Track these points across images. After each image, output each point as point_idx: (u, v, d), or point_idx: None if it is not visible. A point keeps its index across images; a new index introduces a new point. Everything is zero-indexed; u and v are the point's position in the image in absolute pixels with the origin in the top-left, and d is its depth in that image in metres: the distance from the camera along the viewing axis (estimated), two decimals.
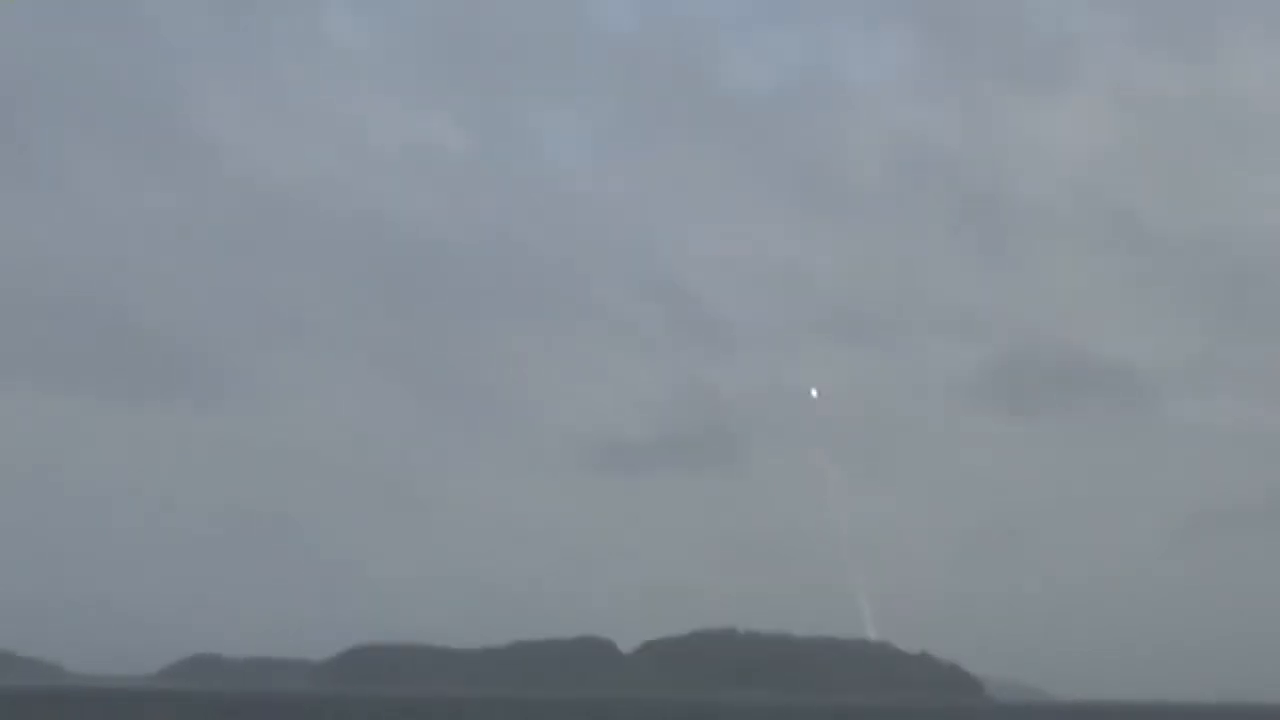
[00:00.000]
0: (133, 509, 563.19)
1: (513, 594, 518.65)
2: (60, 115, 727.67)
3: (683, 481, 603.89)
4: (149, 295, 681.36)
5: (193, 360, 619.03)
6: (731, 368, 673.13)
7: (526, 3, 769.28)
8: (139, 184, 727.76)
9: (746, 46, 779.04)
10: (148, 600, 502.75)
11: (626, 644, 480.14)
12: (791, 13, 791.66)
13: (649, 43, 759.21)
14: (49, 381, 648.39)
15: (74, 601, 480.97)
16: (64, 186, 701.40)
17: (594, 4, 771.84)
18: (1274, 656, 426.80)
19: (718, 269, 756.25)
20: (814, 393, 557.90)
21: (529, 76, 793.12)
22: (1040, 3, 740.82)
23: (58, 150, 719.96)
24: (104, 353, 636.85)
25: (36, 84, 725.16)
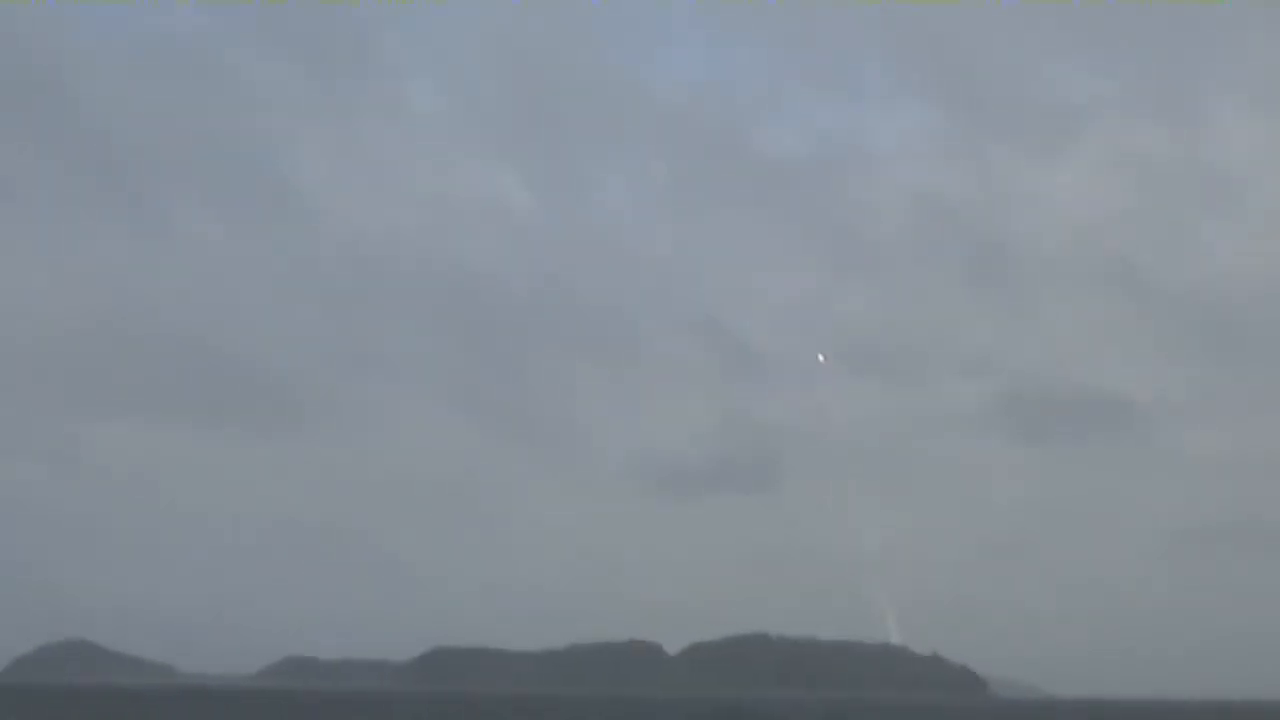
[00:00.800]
0: (235, 525, 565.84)
1: (570, 601, 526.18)
2: (174, 174, 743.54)
3: (723, 501, 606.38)
4: (250, 335, 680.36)
5: (287, 392, 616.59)
6: (768, 400, 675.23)
7: (588, 74, 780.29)
8: (240, 236, 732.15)
9: (783, 115, 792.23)
10: (249, 607, 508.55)
11: (672, 647, 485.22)
12: (824, 86, 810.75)
13: (696, 111, 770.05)
14: (162, 412, 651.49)
15: (184, 609, 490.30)
16: (175, 238, 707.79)
17: (648, 76, 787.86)
18: (1253, 657, 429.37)
19: (757, 312, 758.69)
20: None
21: (589, 141, 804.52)
22: (1044, 76, 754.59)
23: (171, 206, 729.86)
24: (209, 387, 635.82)
25: (153, 147, 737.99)
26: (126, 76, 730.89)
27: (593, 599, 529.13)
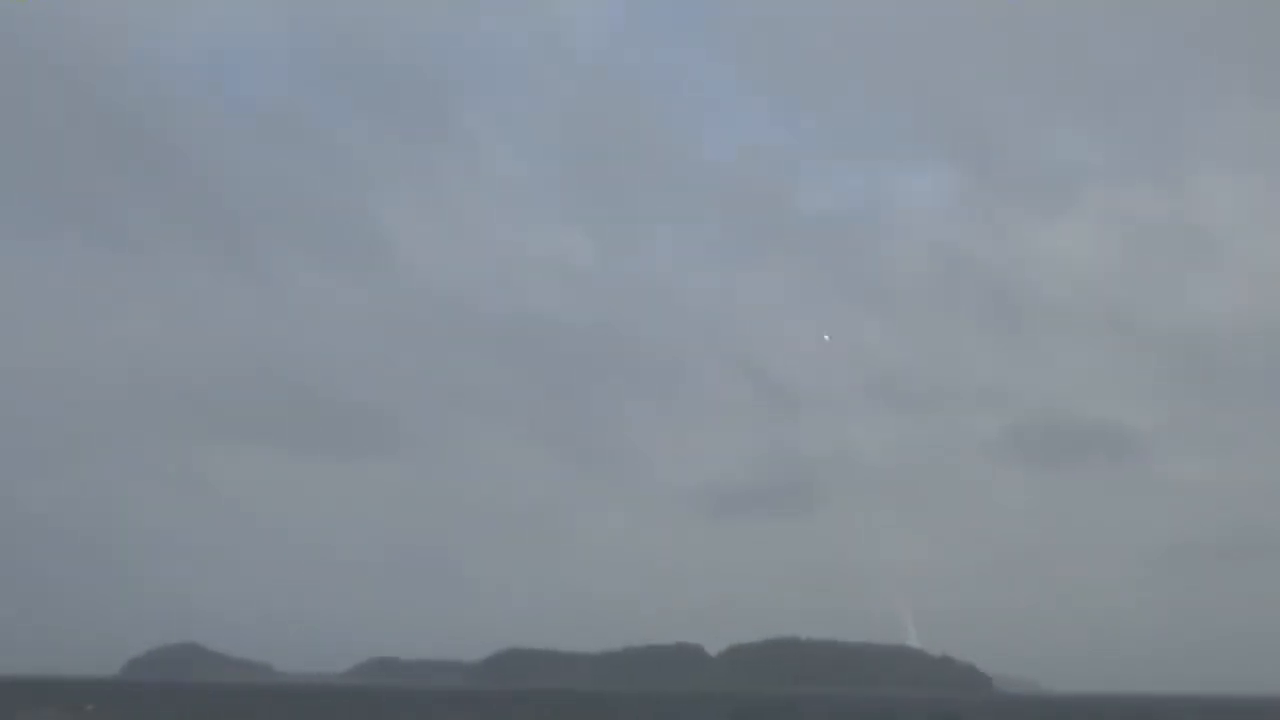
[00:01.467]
0: (330, 540, 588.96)
1: (624, 609, 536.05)
2: (283, 233, 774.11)
3: (760, 520, 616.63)
4: (345, 373, 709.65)
5: (375, 423, 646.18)
6: (804, 430, 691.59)
7: (644, 140, 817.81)
8: (335, 283, 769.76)
9: (818, 176, 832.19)
10: (340, 613, 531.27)
11: (713, 648, 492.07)
12: (854, 150, 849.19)
13: (741, 172, 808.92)
14: (264, 439, 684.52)
15: (281, 614, 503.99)
16: (282, 289, 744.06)
17: (697, 140, 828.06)
18: (1235, 656, 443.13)
19: (794, 352, 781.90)
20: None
21: (646, 199, 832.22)
22: (1048, 143, 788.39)
23: (279, 261, 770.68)
24: (306, 416, 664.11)
25: (257, 202, 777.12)
26: (242, 147, 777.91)
27: (643, 607, 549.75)
